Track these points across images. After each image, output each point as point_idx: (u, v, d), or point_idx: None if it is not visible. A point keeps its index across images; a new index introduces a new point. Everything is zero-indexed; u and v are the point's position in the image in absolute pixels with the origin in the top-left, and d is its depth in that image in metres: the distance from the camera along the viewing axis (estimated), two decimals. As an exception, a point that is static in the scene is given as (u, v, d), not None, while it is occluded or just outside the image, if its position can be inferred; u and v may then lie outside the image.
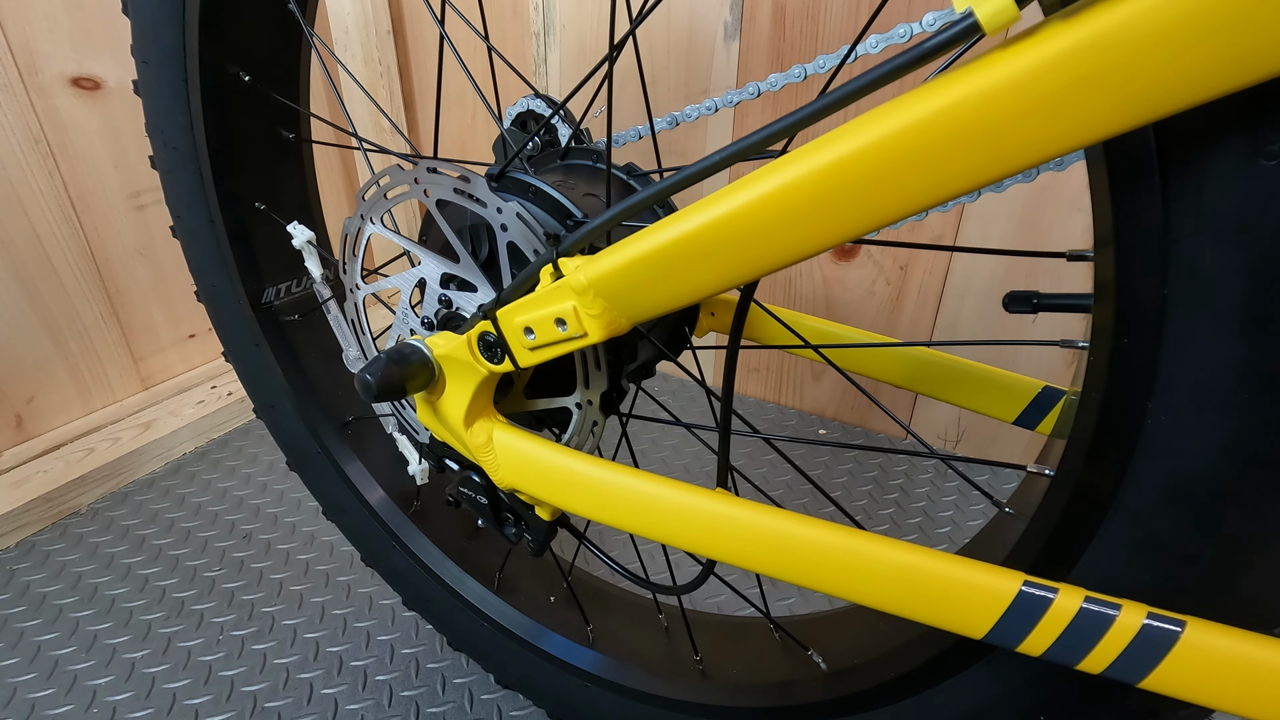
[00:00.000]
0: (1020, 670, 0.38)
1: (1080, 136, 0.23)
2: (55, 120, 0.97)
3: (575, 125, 0.55)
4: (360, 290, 0.51)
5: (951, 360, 0.53)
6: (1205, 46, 0.20)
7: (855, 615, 0.53)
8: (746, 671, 0.55)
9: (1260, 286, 0.25)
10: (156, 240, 1.11)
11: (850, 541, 0.36)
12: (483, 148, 1.28)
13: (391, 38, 1.25)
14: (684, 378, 1.24)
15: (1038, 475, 0.38)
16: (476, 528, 0.72)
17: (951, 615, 0.34)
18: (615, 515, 0.42)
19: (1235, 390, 0.27)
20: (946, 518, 0.93)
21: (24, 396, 1.02)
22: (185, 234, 0.65)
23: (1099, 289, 0.31)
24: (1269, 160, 0.23)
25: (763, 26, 0.95)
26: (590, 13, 1.06)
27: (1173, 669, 0.29)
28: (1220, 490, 0.29)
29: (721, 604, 0.81)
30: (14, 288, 0.97)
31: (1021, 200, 0.89)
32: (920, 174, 0.25)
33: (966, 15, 0.22)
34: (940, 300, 1.00)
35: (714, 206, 0.30)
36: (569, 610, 0.64)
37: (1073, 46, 0.22)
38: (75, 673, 0.73)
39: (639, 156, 1.06)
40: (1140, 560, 0.31)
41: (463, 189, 0.41)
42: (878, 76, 0.24)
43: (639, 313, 0.35)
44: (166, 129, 0.60)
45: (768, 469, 1.01)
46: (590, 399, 0.45)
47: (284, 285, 0.68)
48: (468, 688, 0.72)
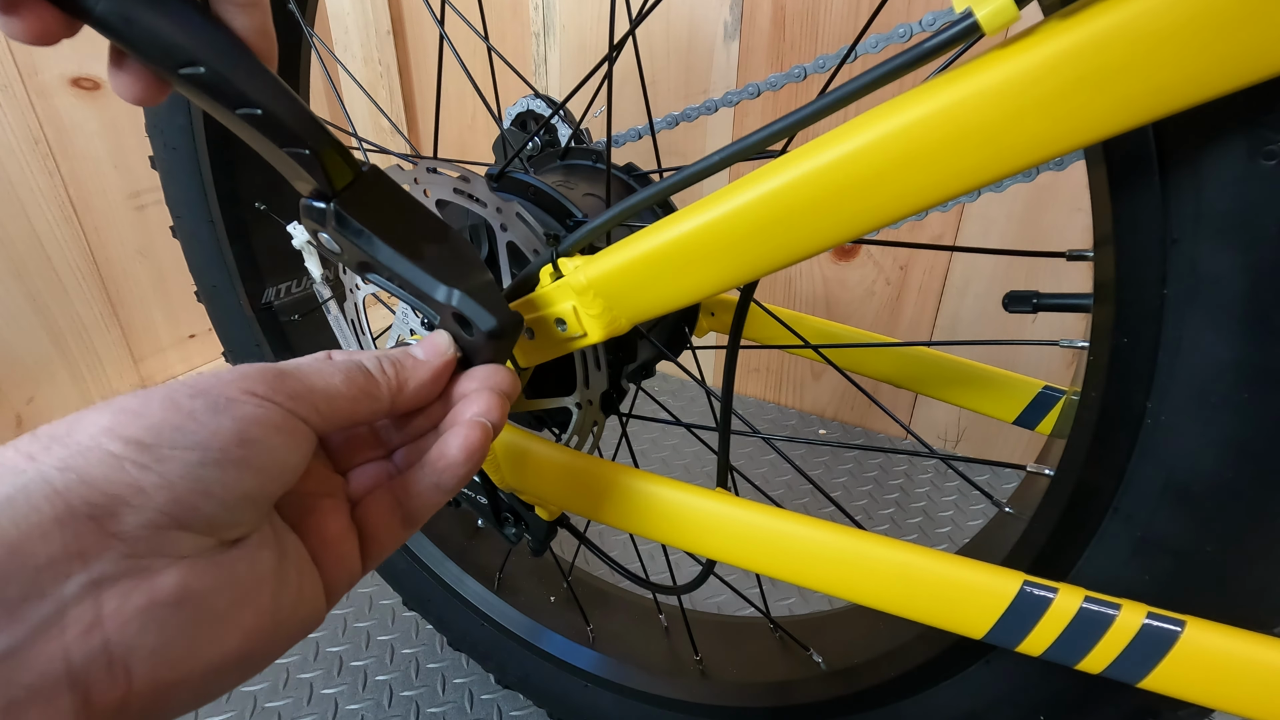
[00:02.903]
0: (1020, 670, 0.38)
1: (1080, 136, 0.23)
2: (55, 120, 0.97)
3: (575, 125, 0.55)
4: (360, 290, 0.51)
5: (951, 360, 0.53)
6: (1204, 46, 0.20)
7: (856, 615, 0.53)
8: (746, 671, 0.55)
9: (1260, 286, 0.25)
10: (156, 240, 1.11)
11: (850, 541, 0.36)
12: (482, 148, 1.28)
13: (391, 38, 1.24)
14: (683, 378, 1.24)
15: (1037, 475, 0.38)
16: (476, 528, 0.72)
17: (951, 615, 0.34)
18: (615, 515, 0.42)
19: (1235, 390, 0.27)
20: (946, 518, 0.93)
21: (24, 396, 1.02)
22: (185, 234, 0.65)
23: (1099, 289, 0.31)
24: (1268, 160, 0.23)
25: (762, 27, 0.95)
26: (590, 13, 1.06)
27: (1172, 669, 0.29)
28: (1220, 489, 0.29)
29: (722, 604, 0.81)
30: (14, 288, 0.97)
31: (1021, 200, 0.89)
32: (920, 173, 0.25)
33: (966, 15, 0.22)
34: (940, 300, 1.00)
35: (714, 206, 0.30)
36: (569, 610, 0.64)
37: (1072, 46, 0.22)
38: (75, 673, 0.73)
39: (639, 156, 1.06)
40: (1140, 560, 0.31)
41: (463, 189, 0.41)
42: (878, 76, 0.24)
43: (639, 312, 0.35)
44: (167, 129, 0.60)
45: (767, 469, 1.01)
46: (590, 399, 0.45)
47: (284, 285, 0.68)
48: (468, 688, 0.72)
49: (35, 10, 0.23)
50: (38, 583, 0.19)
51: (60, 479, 0.20)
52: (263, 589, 0.23)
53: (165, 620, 0.21)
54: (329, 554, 0.27)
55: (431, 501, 0.29)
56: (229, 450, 0.22)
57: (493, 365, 0.32)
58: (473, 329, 0.32)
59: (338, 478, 0.29)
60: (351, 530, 0.28)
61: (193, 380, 0.24)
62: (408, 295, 0.33)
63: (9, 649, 0.18)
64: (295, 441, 0.25)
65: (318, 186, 0.30)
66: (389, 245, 0.31)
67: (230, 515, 0.23)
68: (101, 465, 0.20)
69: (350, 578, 0.28)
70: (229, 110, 0.27)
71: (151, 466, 0.21)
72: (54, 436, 0.21)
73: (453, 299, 0.31)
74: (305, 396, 0.25)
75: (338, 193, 0.30)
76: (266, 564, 0.24)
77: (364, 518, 0.28)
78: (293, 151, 0.28)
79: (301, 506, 0.27)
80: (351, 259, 0.32)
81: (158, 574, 0.21)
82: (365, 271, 0.33)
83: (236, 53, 0.26)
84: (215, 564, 0.22)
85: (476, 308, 0.31)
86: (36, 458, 0.20)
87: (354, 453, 0.30)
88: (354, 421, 0.27)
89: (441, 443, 0.29)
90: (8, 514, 0.19)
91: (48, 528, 0.19)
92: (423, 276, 0.31)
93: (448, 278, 0.31)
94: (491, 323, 0.31)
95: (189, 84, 0.26)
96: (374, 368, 0.28)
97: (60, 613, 0.19)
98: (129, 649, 0.20)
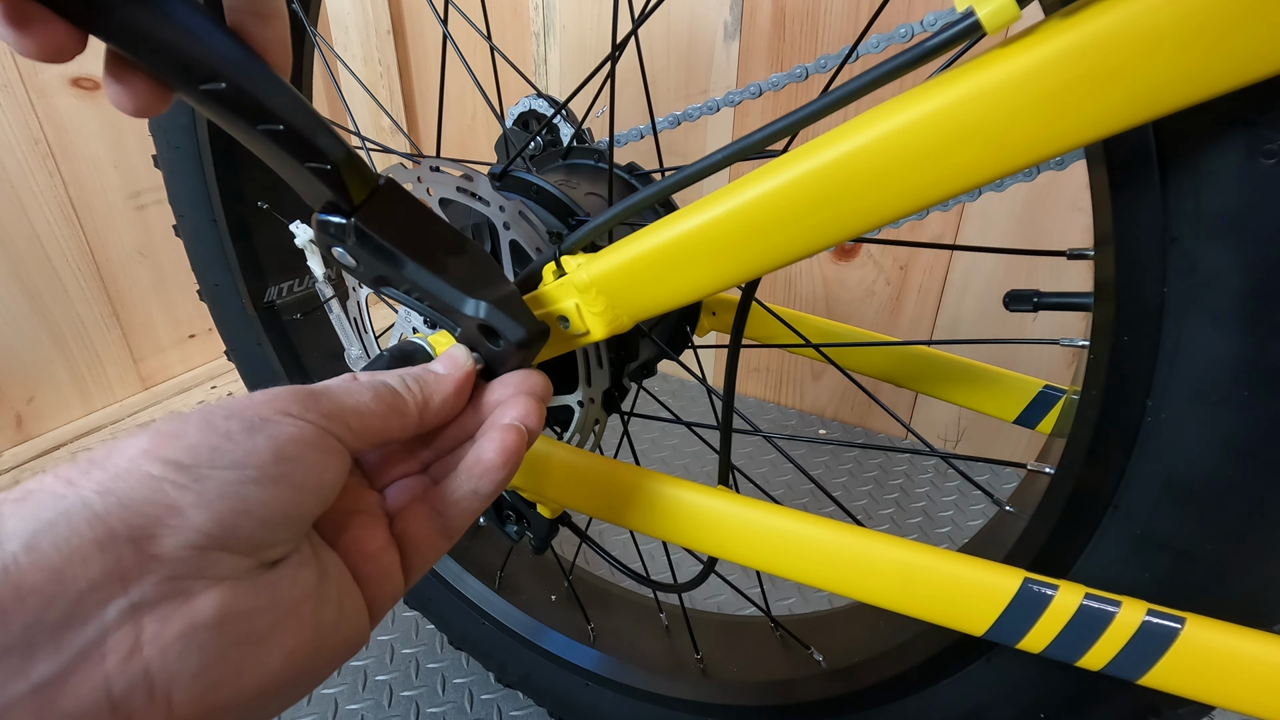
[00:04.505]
0: (1021, 668, 0.38)
1: (1080, 134, 0.23)
2: (55, 120, 0.97)
3: (577, 125, 0.55)
4: (362, 290, 0.52)
5: (952, 359, 0.53)
6: (1204, 45, 0.20)
7: (856, 614, 0.54)
8: (747, 670, 0.55)
9: (1259, 284, 0.25)
10: (156, 240, 1.11)
11: (852, 539, 0.36)
12: (482, 148, 1.28)
13: (391, 37, 1.24)
14: (684, 378, 1.24)
15: (1038, 473, 0.38)
16: (478, 526, 0.72)
17: (952, 612, 0.34)
18: (618, 512, 0.42)
19: (1234, 388, 0.27)
20: (947, 517, 0.93)
21: (24, 396, 1.02)
22: (188, 233, 0.65)
23: (1099, 288, 0.31)
24: (1268, 159, 0.23)
25: (762, 27, 0.96)
26: (590, 13, 1.06)
27: (1172, 666, 0.30)
28: (1220, 487, 0.29)
29: (722, 604, 0.81)
30: (14, 287, 0.97)
31: (1022, 200, 0.89)
32: (921, 172, 0.25)
33: (967, 14, 0.22)
34: (940, 299, 1.00)
35: (716, 204, 0.30)
36: (570, 609, 0.64)
37: (1073, 45, 0.22)
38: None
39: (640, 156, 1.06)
40: (1140, 557, 0.32)
41: (466, 187, 0.41)
42: (879, 75, 0.25)
43: (641, 310, 0.35)
44: (170, 128, 0.60)
45: (768, 469, 1.01)
46: (592, 397, 0.45)
47: (286, 284, 0.68)
48: (468, 687, 0.72)
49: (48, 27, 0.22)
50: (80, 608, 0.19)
51: (100, 502, 0.20)
52: (304, 608, 0.23)
53: (206, 644, 0.20)
54: (370, 570, 0.27)
55: (470, 508, 0.29)
56: (267, 468, 0.22)
57: (524, 370, 0.32)
58: (500, 340, 0.32)
59: (374, 494, 0.29)
60: (391, 545, 0.28)
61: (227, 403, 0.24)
62: (425, 308, 0.32)
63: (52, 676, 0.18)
64: (331, 459, 0.25)
65: (335, 201, 0.29)
66: (413, 260, 0.31)
67: (270, 534, 0.22)
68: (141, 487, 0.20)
69: (394, 593, 0.27)
70: (249, 126, 0.26)
71: (190, 486, 0.21)
72: (92, 461, 0.21)
73: (480, 311, 0.31)
74: (338, 415, 0.25)
75: (357, 208, 0.29)
76: (307, 583, 0.24)
77: (403, 531, 0.28)
78: (314, 167, 0.27)
79: (339, 524, 0.27)
80: (369, 273, 0.31)
81: (197, 596, 0.20)
82: (381, 286, 0.32)
83: (256, 67, 0.25)
84: (255, 585, 0.22)
85: (505, 319, 0.31)
86: (76, 482, 0.20)
87: (388, 469, 0.30)
88: (385, 439, 0.27)
89: (477, 448, 0.29)
90: (49, 538, 0.19)
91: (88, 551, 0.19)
92: (448, 290, 0.31)
93: (472, 290, 0.31)
94: (520, 334, 0.31)
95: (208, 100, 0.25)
96: (399, 385, 0.28)
97: (101, 639, 0.19)
98: (170, 675, 0.20)
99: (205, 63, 0.24)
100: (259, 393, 0.25)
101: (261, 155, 0.28)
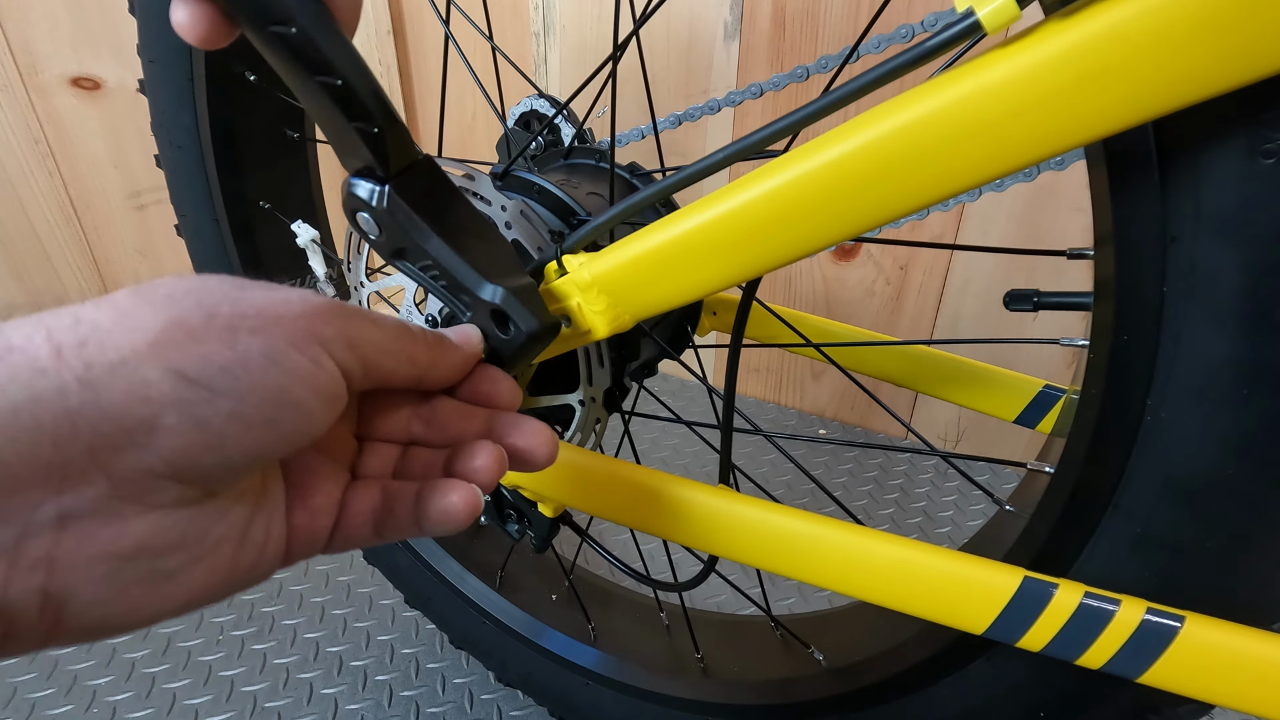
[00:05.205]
0: (1021, 666, 0.38)
1: (1080, 134, 0.23)
2: (55, 120, 0.97)
3: (579, 125, 0.55)
4: (364, 289, 0.52)
5: (952, 359, 0.53)
6: (1204, 44, 0.20)
7: (857, 613, 0.54)
8: (747, 669, 0.56)
9: (1259, 283, 0.25)
10: (157, 240, 1.11)
11: (852, 537, 0.36)
12: (482, 147, 1.28)
13: (391, 38, 1.25)
14: (684, 378, 1.24)
15: (1038, 473, 0.38)
16: (478, 525, 0.72)
17: (952, 611, 0.34)
18: (619, 511, 0.43)
19: (1234, 387, 0.27)
20: (947, 517, 0.93)
21: (25, 396, 1.02)
22: (190, 232, 0.65)
23: (1099, 287, 0.31)
24: (1267, 158, 0.24)
25: (762, 27, 0.96)
26: (590, 13, 1.06)
27: (1172, 664, 0.30)
28: (1219, 486, 0.29)
29: (722, 603, 0.81)
30: (14, 288, 0.97)
31: (1022, 199, 0.89)
32: (922, 171, 0.26)
33: (968, 14, 0.22)
34: (940, 299, 1.00)
35: (717, 203, 0.30)
36: (571, 608, 0.64)
37: (1073, 45, 0.22)
38: (75, 672, 0.73)
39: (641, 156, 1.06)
40: (1140, 556, 0.32)
41: (468, 187, 0.42)
42: (879, 75, 0.25)
43: (642, 309, 0.35)
44: (172, 128, 0.60)
45: (768, 469, 1.02)
46: (593, 396, 0.45)
47: (288, 284, 0.68)
48: (468, 687, 0.72)
49: None
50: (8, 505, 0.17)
51: (77, 396, 0.18)
52: (225, 549, 0.22)
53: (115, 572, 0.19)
54: (304, 522, 0.25)
55: (408, 531, 0.28)
56: (264, 409, 0.21)
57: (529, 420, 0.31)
58: (511, 328, 0.32)
59: (353, 444, 0.29)
60: (335, 508, 0.27)
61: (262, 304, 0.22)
62: (439, 287, 0.32)
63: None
64: (331, 410, 0.23)
65: (372, 166, 0.29)
66: (438, 235, 0.31)
67: (230, 474, 0.21)
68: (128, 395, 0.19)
69: (310, 552, 0.26)
70: (308, 75, 0.26)
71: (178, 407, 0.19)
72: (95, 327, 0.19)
73: (497, 296, 0.31)
74: (360, 345, 0.24)
75: (393, 176, 0.30)
76: (237, 522, 0.22)
77: (348, 503, 0.27)
78: (360, 128, 0.27)
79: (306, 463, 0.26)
80: (390, 244, 0.32)
81: (127, 521, 0.19)
82: (397, 258, 0.32)
83: (327, 18, 0.25)
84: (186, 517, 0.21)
85: (520, 308, 0.31)
86: (64, 356, 0.18)
87: (380, 423, 0.29)
88: (389, 381, 0.26)
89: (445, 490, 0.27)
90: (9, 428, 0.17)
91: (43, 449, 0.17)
92: (468, 271, 0.31)
93: (491, 275, 0.32)
94: (534, 324, 0.32)
95: (274, 43, 0.25)
96: (419, 334, 0.28)
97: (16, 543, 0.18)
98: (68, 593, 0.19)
99: (281, 4, 0.24)
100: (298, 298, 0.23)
101: (310, 107, 0.28)
